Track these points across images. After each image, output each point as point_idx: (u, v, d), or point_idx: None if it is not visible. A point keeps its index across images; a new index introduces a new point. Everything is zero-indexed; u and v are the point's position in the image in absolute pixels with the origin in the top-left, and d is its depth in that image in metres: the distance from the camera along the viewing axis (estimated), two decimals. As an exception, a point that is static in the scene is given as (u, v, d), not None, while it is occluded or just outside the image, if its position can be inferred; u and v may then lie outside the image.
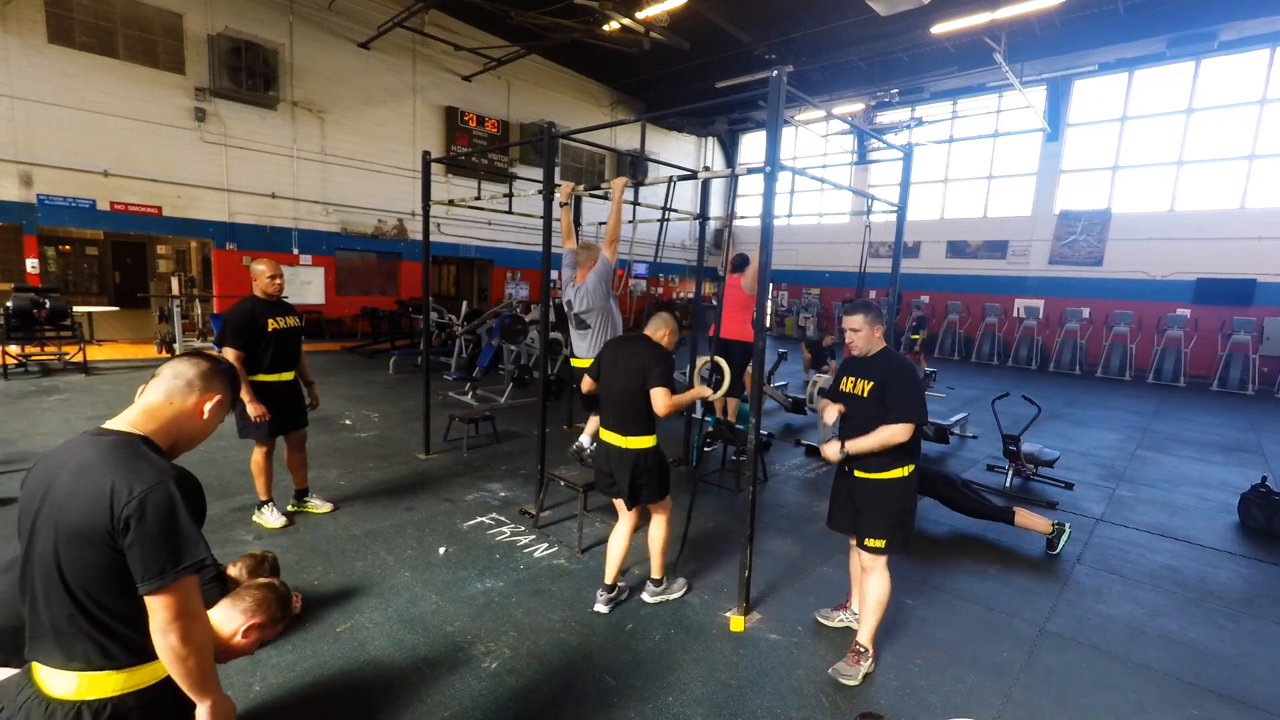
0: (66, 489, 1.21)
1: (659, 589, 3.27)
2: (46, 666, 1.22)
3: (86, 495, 1.18)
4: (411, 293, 14.99)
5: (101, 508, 1.17)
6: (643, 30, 11.45)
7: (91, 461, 1.22)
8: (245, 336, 3.62)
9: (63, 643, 1.21)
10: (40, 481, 1.25)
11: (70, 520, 1.19)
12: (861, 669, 2.68)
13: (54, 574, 1.20)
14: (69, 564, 1.19)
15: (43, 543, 1.21)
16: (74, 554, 1.19)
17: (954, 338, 15.98)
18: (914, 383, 2.65)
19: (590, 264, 4.43)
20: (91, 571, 1.20)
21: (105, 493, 1.18)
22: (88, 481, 1.19)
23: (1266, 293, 12.36)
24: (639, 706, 2.46)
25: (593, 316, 4.48)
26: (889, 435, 2.58)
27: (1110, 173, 14.30)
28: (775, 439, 6.68)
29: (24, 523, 1.26)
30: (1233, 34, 11.94)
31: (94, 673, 1.22)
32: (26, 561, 1.24)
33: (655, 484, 3.08)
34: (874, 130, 14.48)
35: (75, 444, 1.28)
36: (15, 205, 10.14)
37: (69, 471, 1.22)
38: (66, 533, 1.19)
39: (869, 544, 2.74)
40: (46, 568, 1.20)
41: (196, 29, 11.46)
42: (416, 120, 14.64)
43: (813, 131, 18.02)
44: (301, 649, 2.70)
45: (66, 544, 1.19)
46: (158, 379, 1.39)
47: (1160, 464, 6.48)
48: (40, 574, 1.21)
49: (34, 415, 6.14)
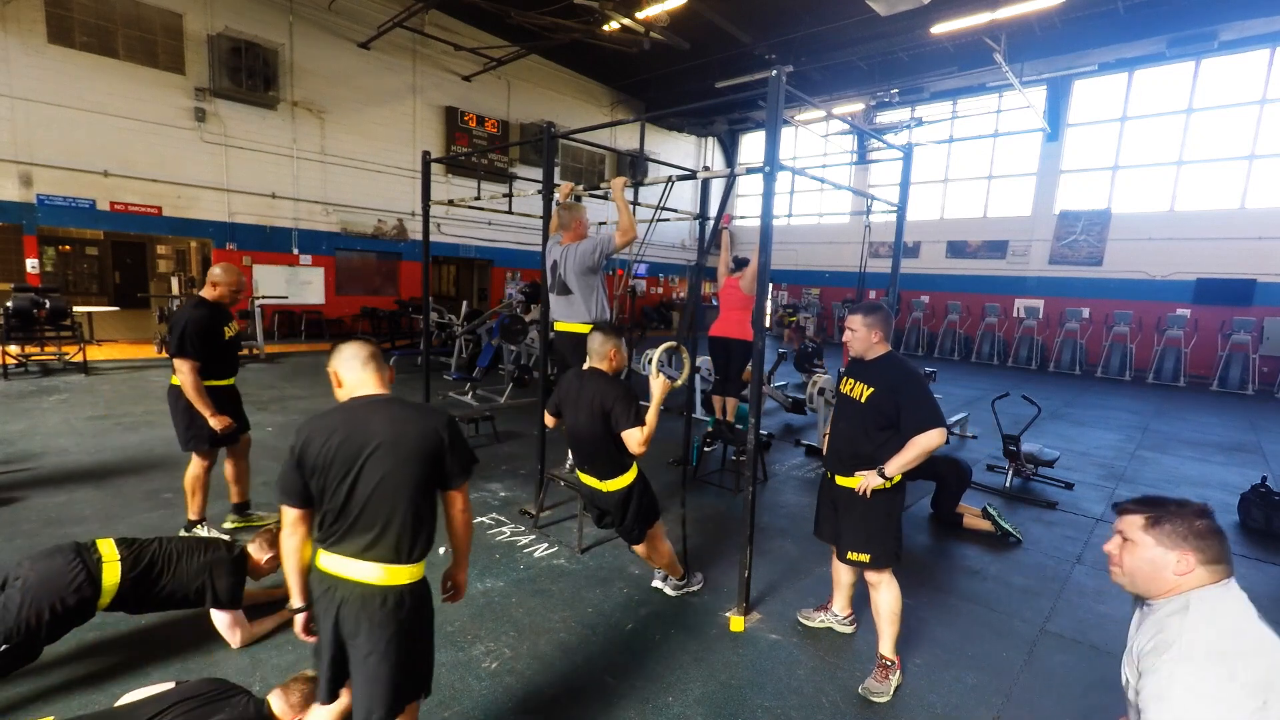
0: (392, 433, 1.66)
1: (681, 584, 3.35)
2: (368, 562, 1.64)
3: (415, 432, 1.68)
4: (411, 293, 14.99)
5: (431, 438, 1.69)
6: (643, 30, 11.45)
7: (398, 414, 1.70)
8: (206, 345, 3.42)
9: (394, 543, 1.65)
10: (355, 437, 1.65)
11: (407, 449, 1.66)
12: (892, 683, 2.60)
13: (401, 490, 1.65)
14: (406, 481, 1.66)
15: (377, 472, 1.64)
16: (409, 472, 1.66)
17: (954, 338, 15.98)
18: (925, 387, 2.58)
19: (574, 226, 4.25)
20: (418, 482, 1.68)
21: (431, 428, 1.70)
22: (408, 424, 1.68)
23: (1266, 293, 12.36)
24: (639, 706, 2.46)
25: (575, 282, 4.23)
26: (924, 444, 2.45)
27: (1110, 173, 14.30)
28: (775, 439, 6.68)
29: (337, 469, 1.64)
30: (1233, 34, 11.94)
31: (395, 564, 1.66)
32: (351, 492, 1.64)
33: (647, 517, 3.00)
34: (874, 130, 14.47)
35: (361, 407, 1.72)
36: (15, 205, 10.14)
37: (384, 422, 1.67)
38: (404, 458, 1.65)
39: (852, 558, 2.65)
40: (389, 488, 1.64)
41: (196, 29, 11.46)
42: (416, 120, 14.64)
43: (813, 131, 18.02)
44: (301, 649, 2.69)
45: (403, 466, 1.65)
46: (361, 361, 1.80)
47: (1160, 464, 6.48)
48: (380, 494, 1.64)
49: (34, 415, 6.14)
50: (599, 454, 2.88)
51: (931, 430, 2.46)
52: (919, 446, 2.46)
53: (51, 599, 2.23)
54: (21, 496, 4.16)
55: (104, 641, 2.66)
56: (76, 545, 2.40)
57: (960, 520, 4.39)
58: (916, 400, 2.51)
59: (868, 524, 2.62)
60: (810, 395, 7.59)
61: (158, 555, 2.52)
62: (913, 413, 2.50)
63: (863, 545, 2.63)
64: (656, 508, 3.06)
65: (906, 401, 2.51)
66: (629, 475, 2.91)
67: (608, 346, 2.87)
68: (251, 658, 2.63)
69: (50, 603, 2.22)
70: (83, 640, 2.57)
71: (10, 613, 2.17)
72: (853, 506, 2.65)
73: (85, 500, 4.16)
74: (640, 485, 2.96)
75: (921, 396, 2.53)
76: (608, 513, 3.00)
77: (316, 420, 1.71)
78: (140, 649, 2.63)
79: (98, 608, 2.38)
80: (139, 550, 2.50)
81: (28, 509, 3.99)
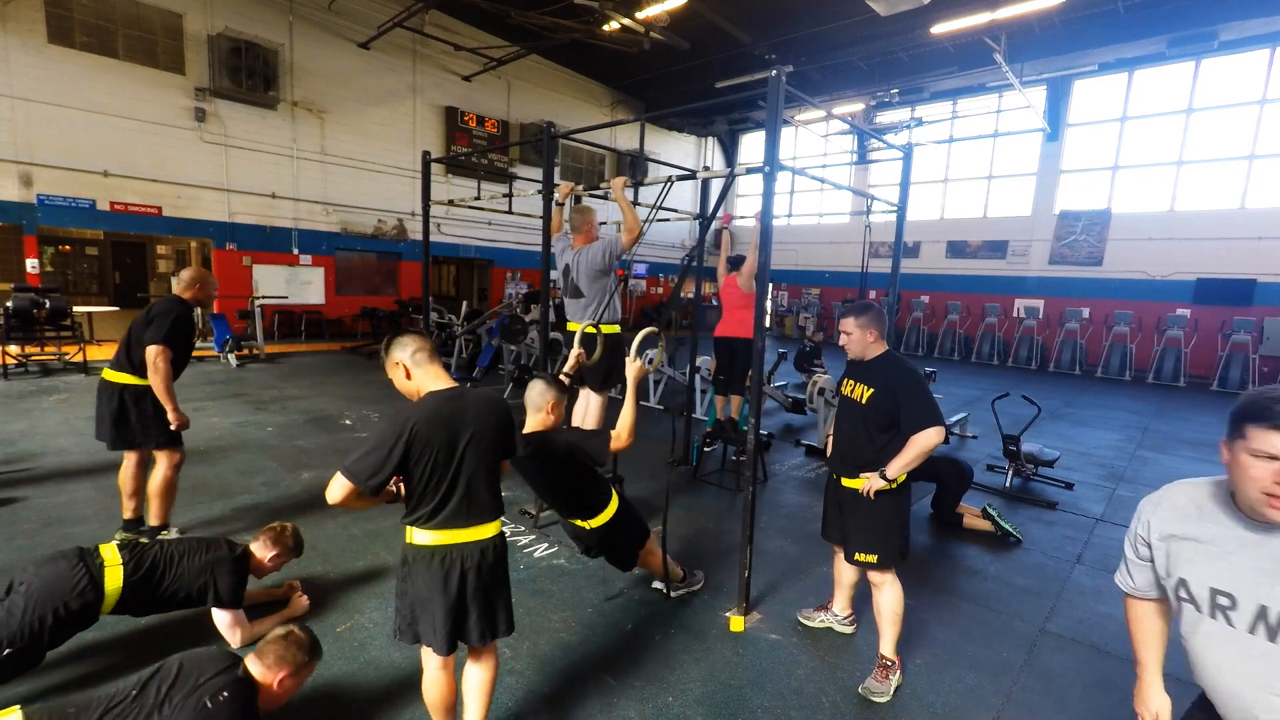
0: (479, 422, 1.94)
1: (683, 584, 3.36)
2: (473, 527, 1.95)
3: (494, 421, 2.00)
4: (411, 293, 14.99)
5: (505, 423, 2.04)
6: (643, 30, 11.45)
7: (480, 405, 1.98)
8: (181, 346, 3.42)
9: (488, 507, 1.99)
10: (455, 428, 1.89)
11: (492, 434, 1.98)
12: (892, 683, 2.60)
13: (492, 467, 2.00)
14: (493, 459, 1.99)
15: (475, 456, 1.93)
16: (494, 452, 2.00)
17: (954, 338, 15.98)
18: (923, 385, 2.58)
19: (587, 229, 4.34)
20: (497, 456, 2.02)
21: (504, 414, 2.05)
22: (489, 414, 1.99)
23: (1266, 293, 12.35)
24: (639, 706, 2.46)
25: (587, 285, 4.32)
26: (923, 443, 2.46)
27: (1110, 173, 14.30)
28: (775, 439, 6.68)
29: (443, 456, 1.87)
30: (1233, 34, 11.94)
31: (489, 523, 2.00)
32: (456, 475, 1.90)
33: (633, 545, 2.99)
34: (874, 130, 14.48)
35: (449, 400, 1.92)
36: (15, 205, 10.14)
37: (472, 413, 1.94)
38: (491, 442, 1.98)
39: (859, 559, 2.65)
40: (484, 468, 1.96)
41: (196, 29, 11.47)
42: (416, 120, 14.64)
43: (813, 131, 18.02)
44: (301, 649, 2.70)
45: (491, 449, 1.98)
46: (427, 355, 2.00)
47: (1160, 464, 6.48)
48: (478, 473, 1.95)
49: (34, 415, 6.14)
50: (574, 502, 2.86)
51: (929, 429, 2.46)
52: (918, 446, 2.47)
53: (55, 604, 2.24)
54: (21, 496, 4.16)
55: (104, 642, 2.66)
56: (80, 550, 2.41)
57: (960, 520, 4.39)
58: (914, 399, 2.51)
59: (874, 525, 2.62)
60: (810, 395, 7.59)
61: (159, 557, 2.52)
62: (910, 411, 2.50)
63: (870, 546, 2.63)
64: (643, 529, 3.04)
65: (904, 400, 2.52)
66: (609, 510, 2.87)
67: (547, 398, 2.65)
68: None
69: (53, 607, 2.23)
70: (83, 640, 2.57)
71: (14, 617, 2.18)
72: (859, 508, 2.65)
73: (85, 500, 4.16)
74: (621, 517, 2.92)
75: (919, 395, 2.53)
76: (593, 547, 2.96)
77: (418, 413, 1.86)
78: (140, 649, 2.63)
79: (101, 611, 2.38)
80: (140, 553, 2.50)
81: (28, 509, 3.99)
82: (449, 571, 1.92)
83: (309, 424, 6.41)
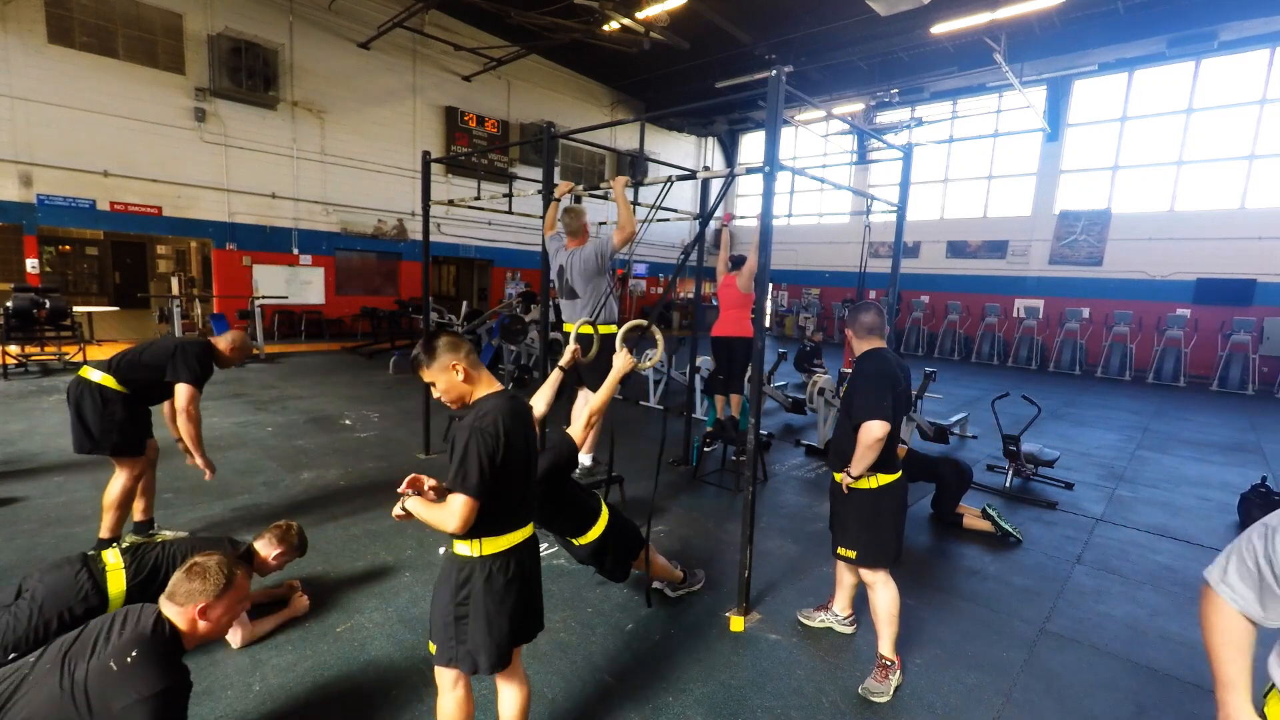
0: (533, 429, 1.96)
1: (683, 584, 3.35)
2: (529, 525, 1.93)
3: (533, 422, 2.02)
4: (411, 293, 15.00)
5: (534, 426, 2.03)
6: (643, 30, 11.45)
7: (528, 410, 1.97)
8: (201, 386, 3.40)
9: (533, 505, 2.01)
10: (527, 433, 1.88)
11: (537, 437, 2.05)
12: (891, 683, 2.60)
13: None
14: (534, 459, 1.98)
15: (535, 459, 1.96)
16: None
17: (954, 338, 15.98)
18: (866, 381, 2.55)
19: (582, 232, 4.40)
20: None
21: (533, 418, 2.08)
22: (532, 418, 2.00)
23: (1266, 293, 12.36)
24: (639, 706, 2.46)
25: (582, 286, 4.36)
26: (863, 439, 2.48)
27: (1110, 173, 14.30)
28: (775, 439, 6.68)
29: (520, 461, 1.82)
30: (1233, 34, 11.94)
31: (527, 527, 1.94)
32: (527, 478, 1.88)
33: (627, 557, 2.97)
34: (874, 130, 14.47)
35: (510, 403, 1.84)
36: (15, 205, 10.14)
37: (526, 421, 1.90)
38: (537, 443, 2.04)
39: (840, 552, 2.71)
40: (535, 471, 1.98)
41: (196, 29, 11.47)
42: (416, 120, 14.65)
43: (813, 131, 18.03)
44: (301, 649, 2.70)
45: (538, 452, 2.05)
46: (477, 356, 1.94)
47: (1160, 464, 6.48)
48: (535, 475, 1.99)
49: (34, 415, 6.14)
50: (562, 516, 2.82)
51: (866, 422, 2.47)
52: (860, 440, 2.50)
53: (59, 609, 2.28)
54: (21, 496, 4.17)
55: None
56: (83, 556, 2.46)
57: (960, 520, 4.39)
58: (854, 390, 2.56)
59: (849, 521, 2.68)
60: (810, 395, 7.59)
61: (161, 559, 2.54)
62: (849, 404, 2.55)
63: (848, 541, 2.68)
64: (636, 540, 3.00)
65: (847, 394, 2.58)
66: (598, 527, 2.84)
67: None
68: (252, 657, 2.63)
69: (58, 613, 2.27)
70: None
71: (20, 623, 2.22)
72: (840, 503, 2.72)
73: (85, 500, 4.16)
74: (611, 533, 2.89)
75: (860, 387, 2.55)
76: (585, 560, 2.92)
77: (499, 413, 1.77)
78: (140, 649, 2.63)
79: None
80: (142, 556, 2.53)
81: (28, 509, 3.99)
82: (522, 572, 1.88)
83: (309, 424, 6.41)
